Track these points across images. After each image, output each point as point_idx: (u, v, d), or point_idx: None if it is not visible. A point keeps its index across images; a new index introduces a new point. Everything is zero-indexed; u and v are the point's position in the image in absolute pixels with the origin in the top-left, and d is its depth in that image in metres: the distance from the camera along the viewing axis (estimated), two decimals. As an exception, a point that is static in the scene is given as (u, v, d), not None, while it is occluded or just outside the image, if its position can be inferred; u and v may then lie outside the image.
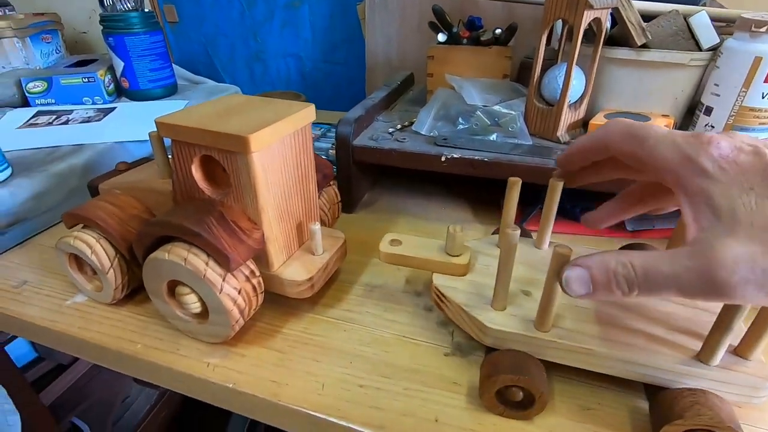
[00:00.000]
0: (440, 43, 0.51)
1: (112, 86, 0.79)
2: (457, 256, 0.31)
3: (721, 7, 0.54)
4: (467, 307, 0.28)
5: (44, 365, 0.69)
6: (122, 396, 0.79)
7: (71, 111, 0.73)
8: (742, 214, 0.19)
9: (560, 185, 0.29)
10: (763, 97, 0.36)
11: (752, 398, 0.24)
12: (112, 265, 0.33)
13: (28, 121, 0.69)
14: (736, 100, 0.37)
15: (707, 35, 0.39)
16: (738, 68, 0.36)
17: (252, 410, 0.28)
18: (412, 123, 0.47)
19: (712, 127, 0.39)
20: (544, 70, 0.43)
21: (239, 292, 0.29)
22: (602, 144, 0.25)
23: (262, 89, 0.93)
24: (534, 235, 0.34)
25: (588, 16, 0.37)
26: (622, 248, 0.34)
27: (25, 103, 0.75)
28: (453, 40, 0.50)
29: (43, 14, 0.87)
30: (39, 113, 0.72)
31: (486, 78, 0.49)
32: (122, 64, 0.76)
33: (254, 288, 0.30)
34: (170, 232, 0.29)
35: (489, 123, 0.43)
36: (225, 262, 0.28)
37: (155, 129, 0.32)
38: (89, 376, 0.74)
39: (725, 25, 0.43)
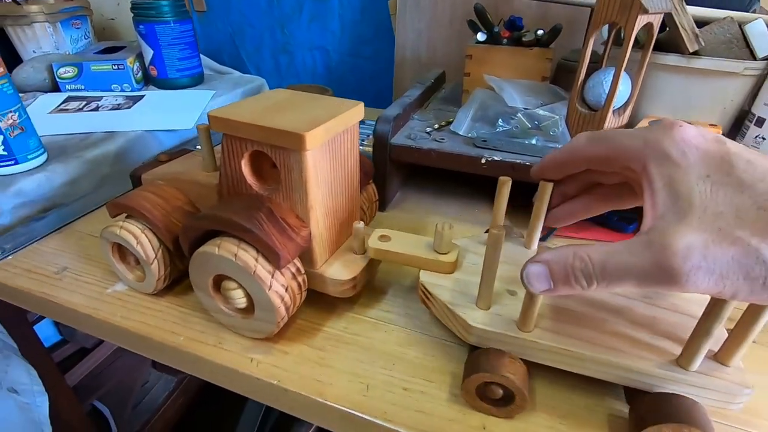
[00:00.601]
0: (479, 42, 0.50)
1: (140, 74, 0.79)
2: (445, 253, 0.31)
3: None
4: (452, 306, 0.28)
5: (68, 348, 0.70)
6: (141, 381, 0.80)
7: (101, 97, 0.73)
8: (697, 201, 0.19)
9: (550, 187, 0.29)
10: (821, 111, 0.35)
11: (729, 404, 0.24)
12: (156, 256, 0.33)
13: (58, 106, 0.69)
14: (791, 112, 0.36)
15: (763, 44, 0.38)
16: (795, 79, 0.35)
17: (296, 408, 0.28)
18: (449, 123, 0.47)
19: (764, 138, 0.38)
20: (588, 74, 0.43)
21: (286, 290, 0.29)
22: (570, 154, 0.26)
23: (287, 81, 0.93)
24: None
25: (641, 21, 0.37)
26: None
27: (55, 88, 0.75)
28: (492, 39, 0.50)
29: (73, 0, 0.87)
30: (69, 99, 0.72)
31: (525, 80, 0.48)
32: (151, 52, 0.76)
33: (299, 285, 0.30)
34: (220, 227, 0.29)
35: (529, 126, 0.43)
36: (275, 260, 0.28)
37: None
38: (111, 360, 0.75)
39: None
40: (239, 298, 0.29)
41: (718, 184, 0.19)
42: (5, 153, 0.47)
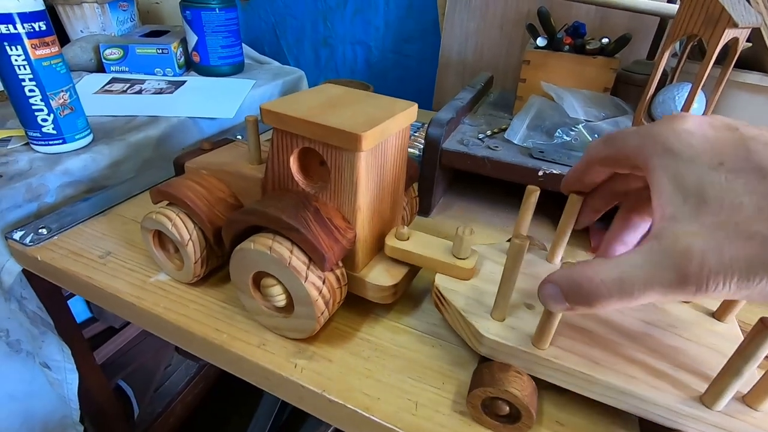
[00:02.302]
0: (539, 47, 0.48)
1: (182, 59, 0.79)
2: (463, 259, 0.29)
3: None
4: (465, 313, 0.27)
5: (97, 325, 0.71)
6: (165, 364, 0.81)
7: (144, 81, 0.74)
8: (710, 193, 0.18)
9: (579, 200, 0.28)
10: None
11: None
12: (191, 237, 0.32)
13: (103, 87, 0.70)
14: None
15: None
16: None
17: (338, 420, 0.27)
18: (502, 130, 0.45)
19: None
20: (658, 88, 0.40)
21: (323, 282, 0.27)
22: (587, 160, 0.25)
23: (326, 75, 0.92)
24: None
25: (727, 35, 0.34)
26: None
27: (100, 68, 0.76)
28: (553, 45, 0.47)
29: (122, -18, 0.88)
30: (114, 80, 0.73)
31: (586, 90, 0.46)
32: (196, 38, 0.76)
33: (338, 279, 0.29)
34: (266, 223, 0.28)
35: (590, 139, 0.41)
36: (320, 261, 0.27)
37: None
38: (137, 342, 0.76)
39: None
40: (278, 295, 0.28)
41: (735, 171, 0.17)
42: (54, 132, 0.47)
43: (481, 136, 0.44)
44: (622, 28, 0.60)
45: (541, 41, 0.47)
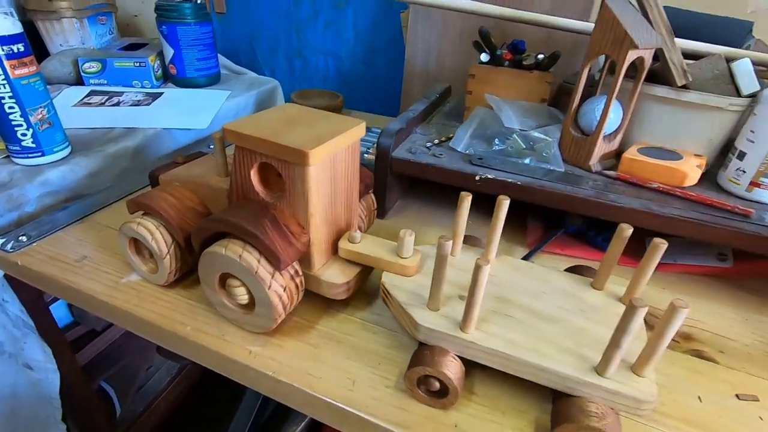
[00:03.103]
0: (482, 62, 0.52)
1: (160, 71, 0.82)
2: (406, 258, 0.33)
3: (767, 46, 0.54)
4: (406, 305, 0.31)
5: (79, 329, 0.74)
6: (146, 365, 0.84)
7: (122, 93, 0.77)
8: None
9: (506, 202, 0.33)
10: (797, 149, 0.37)
11: (637, 410, 0.26)
12: (169, 251, 0.36)
13: (82, 99, 0.73)
14: (770, 148, 0.38)
15: (748, 82, 0.40)
16: (775, 118, 0.37)
17: (287, 397, 0.31)
18: (448, 138, 0.49)
19: (744, 171, 0.40)
20: (582, 100, 0.45)
21: (284, 290, 0.31)
22: None
23: (300, 85, 0.96)
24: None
25: (632, 56, 0.39)
26: (567, 270, 0.37)
27: (79, 81, 0.79)
28: (495, 61, 0.52)
29: (100, -4, 0.91)
30: (92, 93, 0.76)
31: (524, 101, 0.51)
32: (172, 51, 0.79)
33: (297, 286, 0.33)
34: (229, 230, 0.32)
35: (524, 146, 0.45)
36: (276, 262, 0.30)
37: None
38: (119, 344, 0.78)
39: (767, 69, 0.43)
40: (242, 295, 0.32)
41: None
42: (34, 145, 0.50)
43: (429, 144, 0.48)
44: (568, 43, 0.65)
45: (484, 57, 0.52)
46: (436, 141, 0.49)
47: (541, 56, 0.51)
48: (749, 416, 0.30)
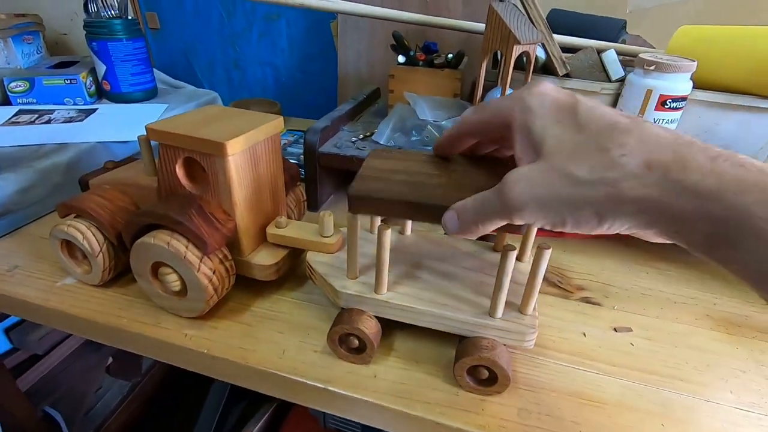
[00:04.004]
0: (400, 63, 0.57)
1: (93, 88, 0.82)
2: (327, 237, 0.37)
3: (645, 42, 0.63)
4: (326, 276, 0.34)
5: (19, 355, 0.72)
6: (95, 387, 0.82)
7: (53, 111, 0.76)
8: (547, 142, 0.22)
9: None
10: (655, 122, 0.44)
11: (523, 342, 0.31)
12: (101, 249, 0.37)
13: (9, 119, 0.72)
14: (635, 123, 0.45)
15: (615, 69, 0.47)
16: (636, 97, 0.44)
17: (221, 372, 0.34)
18: (372, 133, 0.53)
19: (619, 145, 0.47)
20: (486, 92, 0.51)
21: (214, 273, 0.34)
22: (461, 126, 0.29)
23: (239, 95, 0.98)
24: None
25: (517, 50, 0.45)
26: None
27: (6, 101, 0.77)
28: (411, 61, 0.57)
29: (24, 15, 0.89)
30: (21, 112, 0.74)
31: (438, 96, 0.56)
32: (104, 67, 0.79)
33: (227, 270, 0.36)
34: (157, 221, 0.34)
35: (437, 135, 0.50)
36: (203, 247, 0.33)
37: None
38: (63, 367, 0.76)
39: (634, 59, 0.51)
40: (173, 282, 0.34)
41: (566, 126, 0.22)
42: (-43, 163, 0.50)
43: (354, 139, 0.52)
44: (479, 44, 0.71)
45: (401, 58, 0.57)
46: (361, 136, 0.53)
47: (450, 56, 0.56)
48: (623, 344, 0.36)
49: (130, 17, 0.81)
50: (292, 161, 0.45)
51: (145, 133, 0.36)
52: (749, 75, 0.44)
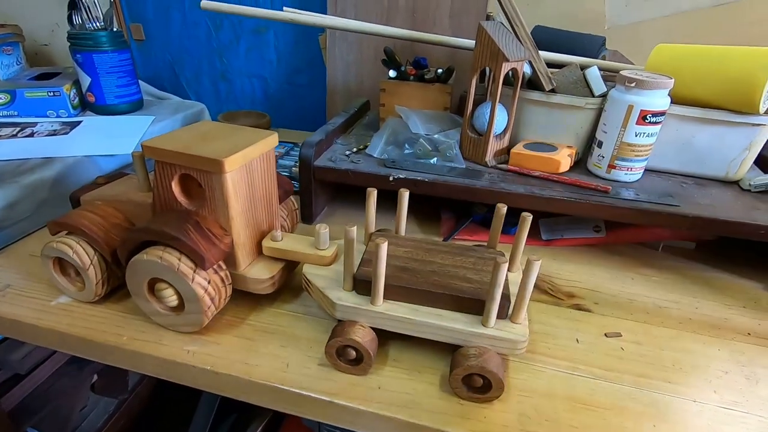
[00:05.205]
0: (391, 78, 0.59)
1: (77, 100, 0.81)
2: (323, 249, 0.38)
3: (623, 57, 0.66)
4: (323, 289, 0.35)
5: (0, 375, 0.69)
6: (80, 406, 0.79)
7: (35, 123, 0.74)
8: None
9: (405, 194, 0.38)
10: (636, 136, 0.46)
11: (515, 350, 0.32)
12: (92, 262, 0.37)
13: (-10, 132, 0.70)
14: (618, 136, 0.47)
15: (597, 85, 0.50)
16: (618, 112, 0.46)
17: (226, 388, 0.34)
18: (366, 147, 0.54)
19: (603, 156, 0.49)
20: (476, 106, 0.52)
21: (209, 282, 0.34)
22: None
23: (227, 107, 0.97)
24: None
25: (506, 67, 0.47)
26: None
27: (-15, 114, 0.75)
28: (401, 76, 0.59)
29: (3, 26, 0.88)
30: (2, 125, 0.73)
31: (429, 110, 0.57)
32: (89, 79, 0.78)
33: (222, 280, 0.36)
34: (154, 237, 0.34)
35: (430, 149, 0.51)
36: (201, 262, 0.33)
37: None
38: (47, 386, 0.74)
39: (615, 75, 0.53)
40: (170, 297, 0.34)
41: None
42: (-60, 180, 0.48)
43: (348, 152, 0.53)
44: (468, 59, 0.73)
45: (392, 73, 0.58)
46: (355, 149, 0.54)
47: (440, 71, 0.58)
48: (614, 348, 0.37)
49: (115, 29, 0.80)
50: (283, 173, 0.46)
51: (135, 147, 0.36)
52: (722, 91, 0.47)
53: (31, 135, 0.70)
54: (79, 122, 0.76)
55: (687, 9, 0.69)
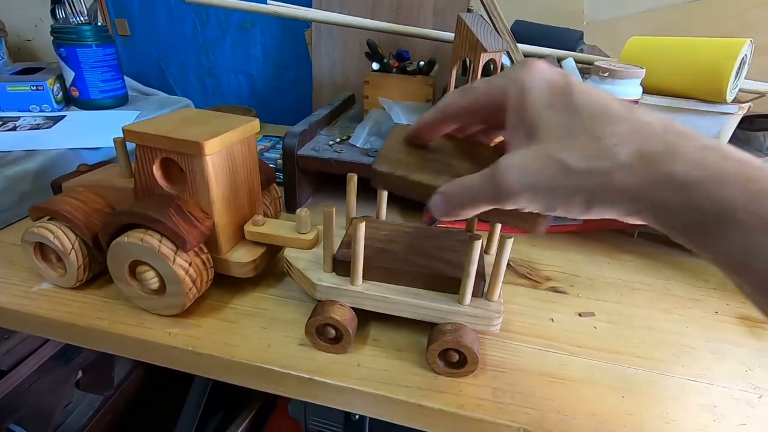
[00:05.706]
0: (374, 70, 0.60)
1: (60, 95, 0.80)
2: (304, 233, 0.38)
3: (601, 51, 0.68)
4: (304, 270, 0.36)
5: (-19, 371, 0.68)
6: (64, 402, 0.78)
7: (18, 117, 0.74)
8: (540, 126, 0.21)
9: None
10: (610, 124, 0.48)
11: (489, 327, 0.33)
12: (73, 246, 0.37)
13: (-29, 126, 0.69)
14: (593, 125, 0.49)
15: (574, 76, 0.51)
16: (593, 102, 0.48)
17: (208, 368, 0.34)
18: (349, 137, 0.55)
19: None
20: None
21: (190, 264, 0.34)
22: (443, 110, 0.27)
23: (213, 103, 0.97)
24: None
25: (484, 57, 0.48)
26: None
27: (-33, 108, 0.75)
28: (385, 68, 0.59)
29: (-14, 21, 0.87)
30: (-17, 119, 0.72)
31: (411, 101, 0.58)
32: (73, 74, 0.78)
33: (203, 262, 0.36)
34: (135, 220, 0.34)
35: (412, 138, 0.52)
36: (182, 244, 0.34)
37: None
38: (29, 382, 0.73)
39: (590, 66, 0.55)
40: (152, 279, 0.34)
41: (559, 110, 0.21)
42: None
43: (331, 143, 0.54)
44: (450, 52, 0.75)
45: (375, 65, 0.59)
46: (338, 140, 0.55)
47: (422, 63, 0.59)
48: (587, 327, 0.39)
49: (99, 23, 0.80)
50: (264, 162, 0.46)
51: (121, 137, 0.37)
52: (691, 81, 0.49)
53: (14, 129, 0.69)
54: (63, 117, 0.76)
55: (664, 5, 0.71)
